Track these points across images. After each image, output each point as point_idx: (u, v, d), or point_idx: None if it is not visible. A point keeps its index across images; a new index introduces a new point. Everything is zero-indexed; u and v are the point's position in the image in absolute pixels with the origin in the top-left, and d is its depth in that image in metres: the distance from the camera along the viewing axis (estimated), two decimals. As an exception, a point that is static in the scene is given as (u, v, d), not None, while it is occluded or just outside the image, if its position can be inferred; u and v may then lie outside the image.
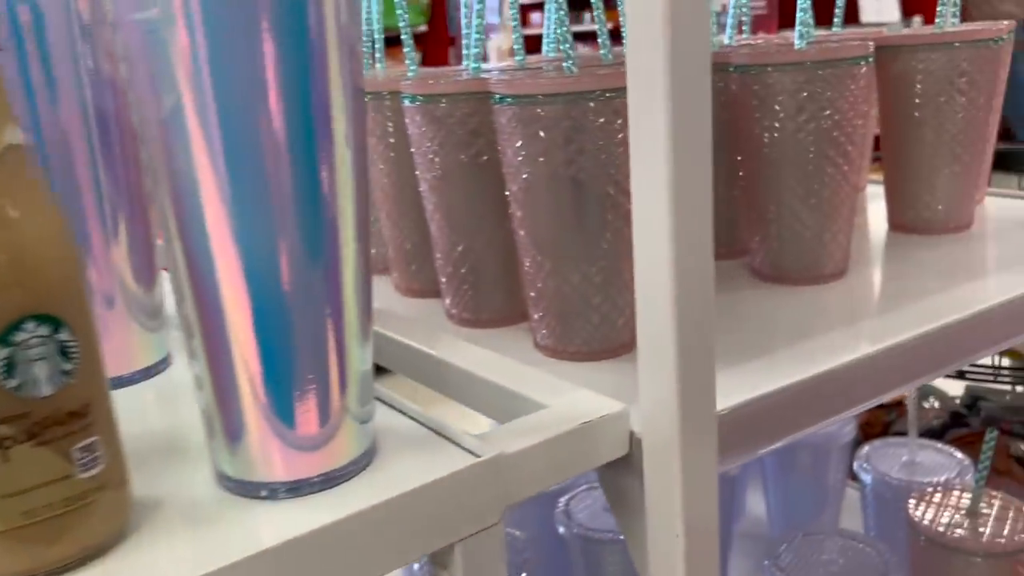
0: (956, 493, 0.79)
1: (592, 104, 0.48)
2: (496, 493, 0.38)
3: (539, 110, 0.49)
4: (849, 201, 0.63)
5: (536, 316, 0.54)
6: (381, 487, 0.36)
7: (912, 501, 0.78)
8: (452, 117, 0.56)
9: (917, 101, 0.72)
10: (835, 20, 0.89)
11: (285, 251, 0.33)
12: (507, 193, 0.53)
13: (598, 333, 0.53)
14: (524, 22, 4.90)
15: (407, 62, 0.71)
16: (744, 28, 0.90)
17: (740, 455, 0.46)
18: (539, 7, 5.08)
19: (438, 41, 3.28)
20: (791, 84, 0.60)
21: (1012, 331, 0.60)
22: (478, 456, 0.38)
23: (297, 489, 0.36)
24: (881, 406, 1.41)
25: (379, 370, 0.42)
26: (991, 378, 1.14)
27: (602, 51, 0.87)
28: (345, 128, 0.34)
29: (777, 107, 0.61)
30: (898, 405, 1.43)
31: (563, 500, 0.85)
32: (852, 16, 3.39)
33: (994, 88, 0.73)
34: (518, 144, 0.50)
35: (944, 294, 0.60)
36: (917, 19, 3.56)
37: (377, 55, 0.74)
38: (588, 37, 4.76)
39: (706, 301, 0.39)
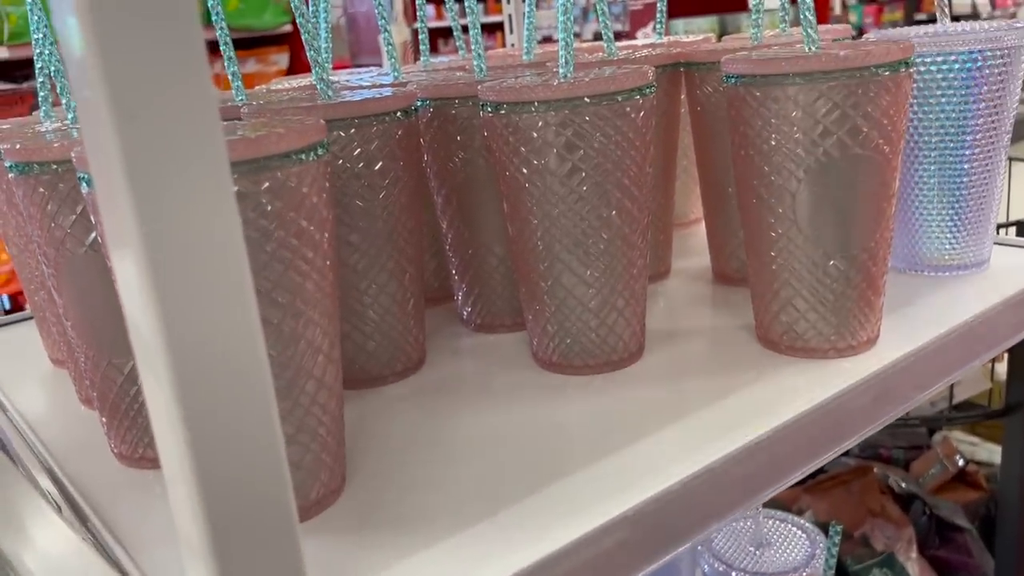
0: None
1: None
2: None
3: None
4: (634, 268, 0.50)
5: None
6: None
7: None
8: (56, 190, 0.40)
9: (732, 130, 0.59)
10: (658, 23, 0.76)
11: None
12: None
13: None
14: (415, 17, 4.72)
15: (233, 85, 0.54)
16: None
17: None
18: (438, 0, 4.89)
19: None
20: (545, 128, 0.46)
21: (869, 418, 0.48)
22: None
23: None
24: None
25: None
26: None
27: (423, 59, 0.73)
28: None
29: (534, 157, 0.47)
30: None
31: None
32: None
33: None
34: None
35: (768, 383, 0.47)
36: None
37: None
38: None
39: (275, 474, 0.24)
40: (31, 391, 0.58)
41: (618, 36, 2.13)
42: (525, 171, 0.48)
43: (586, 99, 0.45)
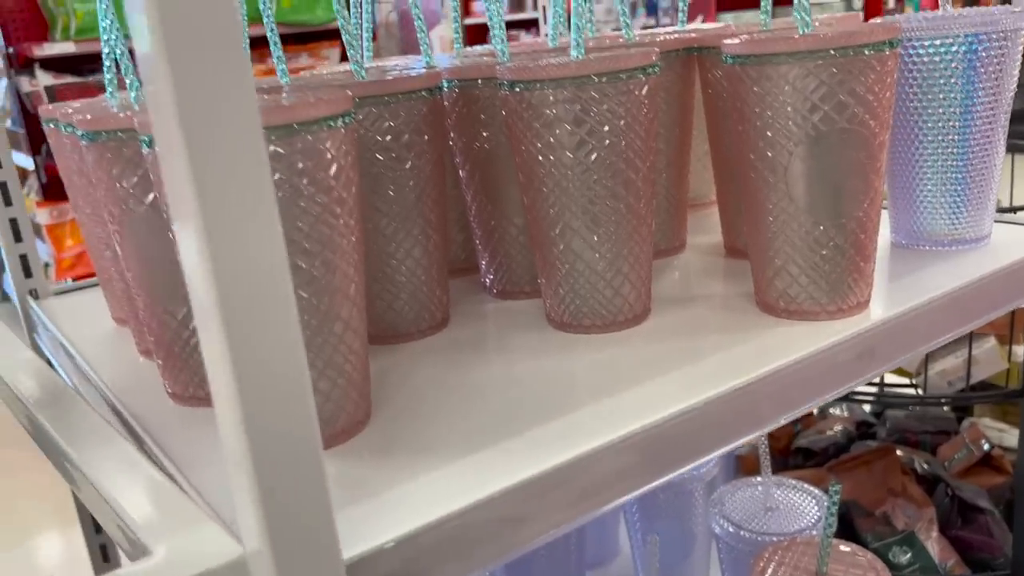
0: (804, 548, 0.71)
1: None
2: None
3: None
4: (638, 235, 0.54)
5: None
6: None
7: (759, 564, 0.70)
8: (121, 155, 0.46)
9: (740, 111, 0.63)
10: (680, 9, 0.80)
11: None
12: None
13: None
14: (467, 12, 4.78)
15: (278, 68, 0.59)
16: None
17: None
18: (480, -5, 4.95)
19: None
20: (556, 105, 0.51)
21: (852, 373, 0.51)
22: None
23: None
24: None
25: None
26: (874, 399, 1.06)
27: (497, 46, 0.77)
28: None
29: (545, 131, 0.52)
30: (805, 416, 1.36)
31: None
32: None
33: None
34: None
35: (759, 340, 0.51)
36: None
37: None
38: (529, 25, 4.66)
39: (299, 395, 0.30)
40: (96, 345, 0.64)
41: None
42: (538, 144, 0.52)
43: (593, 77, 0.50)
